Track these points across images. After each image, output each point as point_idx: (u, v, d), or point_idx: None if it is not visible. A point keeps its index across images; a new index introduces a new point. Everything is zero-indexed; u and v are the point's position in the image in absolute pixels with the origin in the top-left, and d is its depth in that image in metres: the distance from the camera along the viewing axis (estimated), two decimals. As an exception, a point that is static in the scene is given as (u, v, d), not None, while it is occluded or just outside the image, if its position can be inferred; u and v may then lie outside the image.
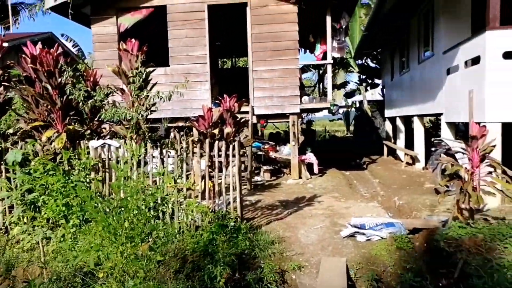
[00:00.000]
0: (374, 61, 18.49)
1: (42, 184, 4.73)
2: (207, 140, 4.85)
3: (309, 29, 10.19)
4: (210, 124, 4.77)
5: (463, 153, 4.52)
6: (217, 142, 4.84)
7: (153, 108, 5.35)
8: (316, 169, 9.69)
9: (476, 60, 6.40)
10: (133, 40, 5.44)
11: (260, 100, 9.17)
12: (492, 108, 5.92)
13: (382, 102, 17.48)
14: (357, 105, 18.45)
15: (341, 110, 17.04)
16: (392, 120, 14.92)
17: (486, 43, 5.93)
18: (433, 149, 7.46)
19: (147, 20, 9.53)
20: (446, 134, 8.12)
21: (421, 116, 10.80)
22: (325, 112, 13.10)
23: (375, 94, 21.21)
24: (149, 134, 5.47)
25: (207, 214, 4.80)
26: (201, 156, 5.03)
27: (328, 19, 9.06)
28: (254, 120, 9.34)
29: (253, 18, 9.13)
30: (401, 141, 13.41)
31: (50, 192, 4.66)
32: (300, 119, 9.34)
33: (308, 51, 10.71)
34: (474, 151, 4.32)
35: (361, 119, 17.75)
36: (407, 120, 13.30)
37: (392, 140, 14.79)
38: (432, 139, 7.31)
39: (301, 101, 9.20)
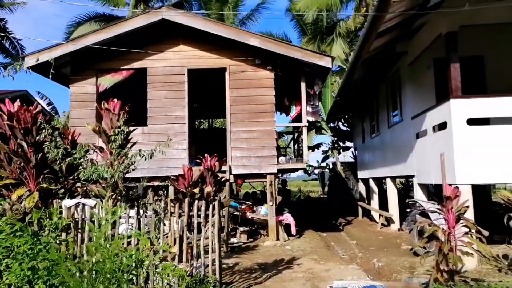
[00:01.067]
0: (345, 125, 19.32)
1: (6, 246, 4.42)
2: (187, 200, 4.77)
3: (284, 92, 10.66)
4: (190, 183, 4.73)
5: (439, 213, 4.64)
6: (196, 201, 4.77)
7: (131, 167, 5.28)
8: (293, 230, 9.58)
9: (443, 126, 6.82)
10: (115, 100, 5.50)
11: (237, 160, 9.24)
12: (462, 170, 6.21)
13: (355, 164, 17.96)
14: (331, 166, 18.89)
15: (316, 171, 17.37)
16: (365, 181, 15.25)
17: (452, 110, 6.37)
18: (408, 210, 7.60)
19: (126, 81, 9.72)
20: (419, 195, 8.35)
21: (393, 178, 11.12)
22: (300, 172, 13.32)
23: (347, 156, 21.87)
24: (126, 193, 5.33)
25: (184, 278, 4.56)
26: (180, 216, 4.91)
27: (303, 85, 9.55)
28: (232, 180, 9.32)
29: (231, 82, 9.51)
30: (375, 202, 13.61)
31: (15, 255, 4.34)
32: (277, 179, 9.40)
33: (284, 113, 11.12)
34: (449, 212, 4.44)
35: (335, 180, 18.06)
36: (380, 181, 13.64)
37: (366, 201, 14.98)
38: (407, 200, 7.49)
39: (278, 161, 9.33)
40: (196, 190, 4.60)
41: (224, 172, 8.99)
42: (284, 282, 5.87)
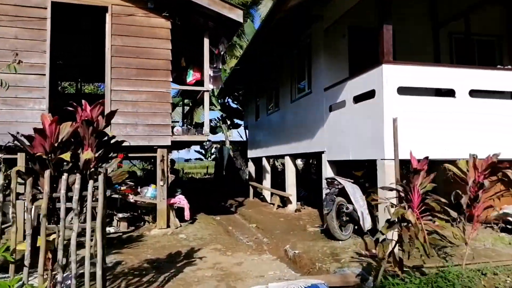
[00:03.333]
0: (235, 102, 18.30)
1: None
2: (48, 172, 2.88)
3: (181, 51, 8.89)
4: (56, 144, 2.84)
5: (400, 191, 3.73)
6: (66, 175, 2.91)
7: None
8: (187, 214, 8.05)
9: (368, 95, 6.12)
10: None
11: (120, 128, 7.21)
12: (389, 144, 5.56)
13: (244, 143, 17.15)
14: (218, 145, 17.68)
15: (214, 146, 15.94)
16: (257, 160, 14.49)
17: (384, 76, 5.66)
18: (325, 188, 6.82)
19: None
20: (328, 173, 7.69)
21: (294, 156, 10.45)
22: (181, 153, 11.72)
23: (232, 136, 20.98)
24: None
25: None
26: (34, 198, 2.98)
27: (206, 42, 7.96)
28: (111, 153, 7.25)
29: (114, 27, 7.34)
30: (267, 182, 12.93)
31: None
32: (170, 154, 7.69)
33: (177, 78, 9.35)
34: (414, 190, 3.55)
35: (222, 160, 16.93)
36: (273, 161, 12.98)
37: (256, 182, 14.25)
38: (325, 178, 6.70)
39: (172, 132, 7.62)
40: (67, 156, 2.75)
41: (102, 142, 6.89)
42: (190, 286, 4.38)
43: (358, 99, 6.52)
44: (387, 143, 5.55)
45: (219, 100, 17.07)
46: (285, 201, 10.72)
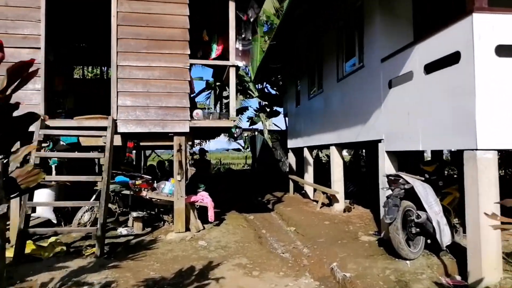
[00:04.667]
0: (275, 88, 16.74)
1: None
2: None
3: (203, 23, 7.49)
4: None
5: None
6: None
7: None
8: (211, 215, 6.73)
9: (448, 60, 4.38)
10: None
11: (128, 111, 5.99)
12: (488, 128, 3.83)
13: (283, 133, 15.63)
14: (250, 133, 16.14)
15: (245, 134, 14.52)
16: (298, 151, 12.92)
17: (474, 31, 3.91)
18: (385, 189, 5.19)
19: None
20: (387, 167, 6.01)
21: (340, 146, 8.80)
22: (222, 141, 10.47)
23: (272, 126, 19.43)
24: None
25: None
26: None
27: (232, 6, 6.50)
28: (118, 142, 6.06)
29: (122, -10, 6.08)
30: (309, 176, 11.34)
31: None
32: (190, 143, 6.37)
33: (200, 52, 7.95)
34: None
35: (261, 151, 15.48)
36: (317, 152, 11.36)
37: (297, 175, 12.70)
38: (386, 174, 5.06)
39: (192, 116, 6.28)
40: None
41: (104, 129, 5.70)
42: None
43: (431, 67, 4.78)
44: (482, 126, 3.83)
45: (257, 86, 15.60)
46: (330, 199, 9.13)
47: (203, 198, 6.82)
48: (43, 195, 6.40)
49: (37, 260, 4.87)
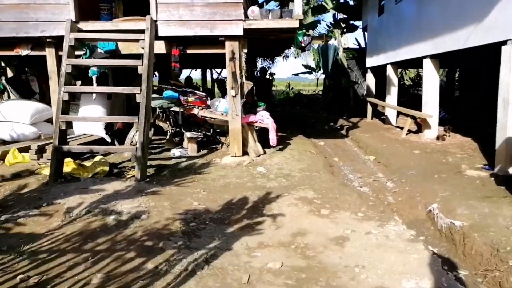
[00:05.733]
0: (353, -3, 14.31)
1: None
2: None
3: None
4: None
5: None
6: None
7: None
8: (273, 138, 5.67)
9: None
10: None
11: (169, 9, 4.85)
12: None
13: (360, 51, 13.59)
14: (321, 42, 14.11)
15: (315, 45, 12.82)
16: (378, 70, 11.05)
17: None
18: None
19: None
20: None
21: (436, 58, 6.96)
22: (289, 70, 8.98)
23: (348, 43, 17.12)
24: None
25: None
26: None
27: None
28: (162, 50, 5.04)
29: None
30: (392, 98, 9.64)
31: None
32: (245, 51, 5.14)
33: None
34: None
35: (334, 71, 13.67)
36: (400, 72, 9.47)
37: (376, 98, 10.99)
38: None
39: (246, 14, 4.97)
40: None
41: (141, 32, 4.67)
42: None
43: None
44: None
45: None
46: (420, 125, 7.54)
47: (263, 118, 5.73)
48: (92, 111, 5.83)
49: (75, 180, 4.31)
